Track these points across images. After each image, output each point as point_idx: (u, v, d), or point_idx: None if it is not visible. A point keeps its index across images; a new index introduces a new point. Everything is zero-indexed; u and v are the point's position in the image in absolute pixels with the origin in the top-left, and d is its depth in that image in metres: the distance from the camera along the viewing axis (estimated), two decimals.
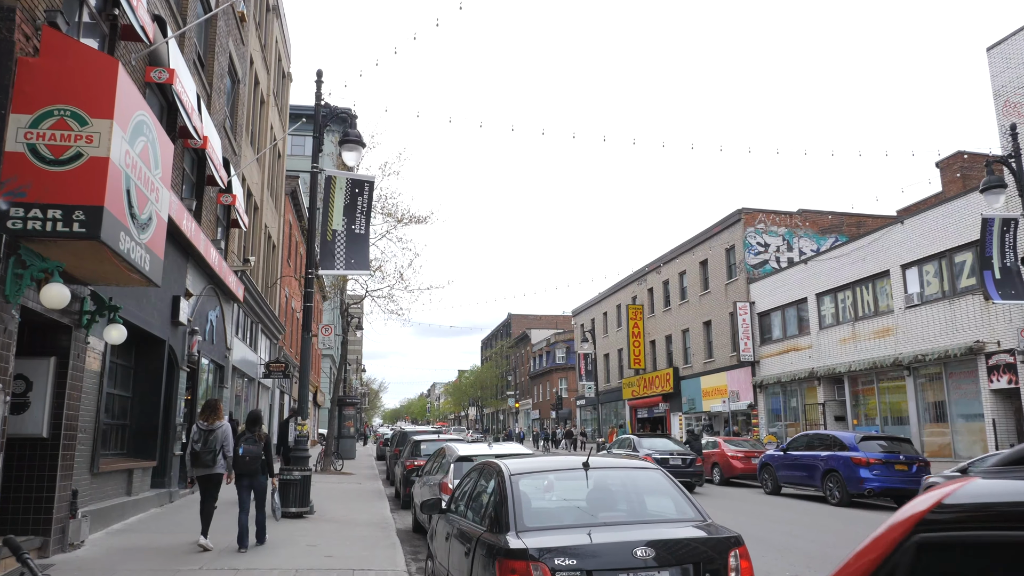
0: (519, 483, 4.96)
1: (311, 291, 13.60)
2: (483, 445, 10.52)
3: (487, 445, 10.45)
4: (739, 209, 33.71)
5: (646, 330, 44.09)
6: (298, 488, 12.23)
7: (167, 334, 13.33)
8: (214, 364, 17.89)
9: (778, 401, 30.67)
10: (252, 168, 23.15)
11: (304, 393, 13.21)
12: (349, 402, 36.76)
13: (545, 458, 6.00)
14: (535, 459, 5.83)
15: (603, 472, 5.25)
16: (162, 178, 9.29)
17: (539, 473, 5.26)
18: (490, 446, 10.37)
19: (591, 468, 5.08)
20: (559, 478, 5.26)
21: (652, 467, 5.39)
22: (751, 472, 22.10)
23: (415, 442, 16.37)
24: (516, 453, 10.22)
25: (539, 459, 5.87)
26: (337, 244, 14.13)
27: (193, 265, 15.13)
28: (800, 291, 28.94)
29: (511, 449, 10.35)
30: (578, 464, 5.15)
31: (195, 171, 15.98)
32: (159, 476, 13.77)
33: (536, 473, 5.23)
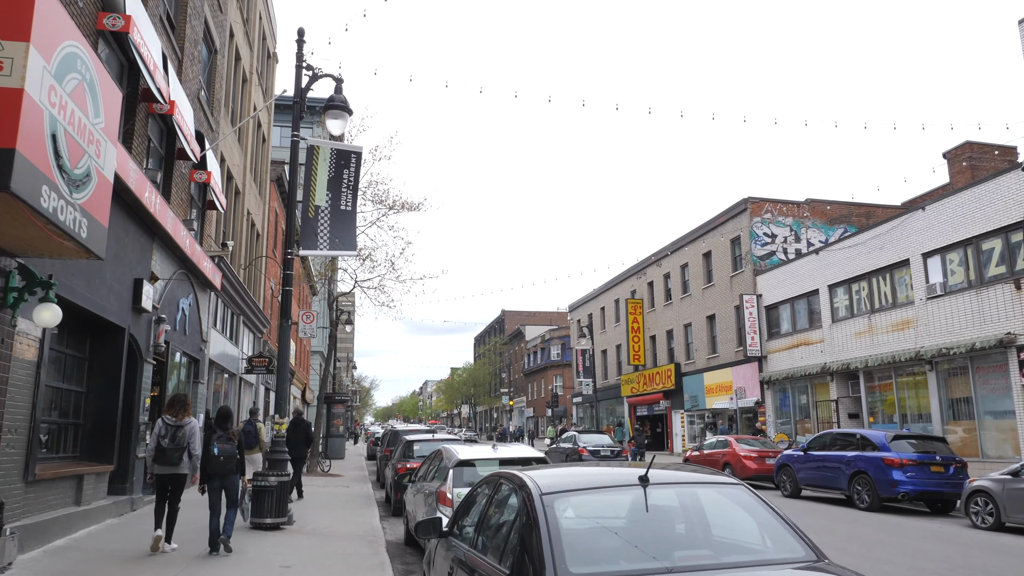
0: (555, 507, 3.54)
1: (290, 273, 12.12)
2: (486, 447, 9.09)
3: (491, 447, 9.01)
4: (745, 198, 32.37)
5: (646, 325, 42.74)
6: (274, 496, 10.75)
7: (127, 321, 11.83)
8: (188, 357, 16.38)
9: (787, 398, 29.35)
10: (233, 149, 21.62)
11: (283, 388, 11.74)
12: (338, 400, 35.28)
13: (583, 469, 4.53)
14: (569, 470, 4.39)
15: (669, 490, 3.81)
16: (106, 129, 7.79)
17: (580, 493, 3.81)
18: (495, 448, 8.94)
19: (652, 484, 3.65)
20: (609, 499, 3.81)
21: (732, 481, 3.97)
22: (766, 473, 20.75)
23: (407, 442, 14.92)
24: (527, 457, 8.80)
25: (574, 471, 4.42)
26: (320, 222, 12.66)
27: (160, 246, 13.62)
28: (811, 282, 27.61)
29: (519, 452, 8.93)
30: (633, 478, 3.72)
31: (163, 143, 14.46)
32: (119, 482, 12.26)
33: (576, 493, 3.79)
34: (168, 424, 8.68)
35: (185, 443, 8.66)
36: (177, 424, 8.71)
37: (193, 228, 15.26)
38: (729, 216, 33.66)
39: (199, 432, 8.98)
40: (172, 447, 8.59)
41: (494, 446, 9.06)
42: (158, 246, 13.49)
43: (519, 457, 8.83)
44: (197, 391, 17.06)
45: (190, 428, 8.78)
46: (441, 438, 15.37)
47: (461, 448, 9.13)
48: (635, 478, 3.72)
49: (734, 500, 3.76)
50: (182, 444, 8.64)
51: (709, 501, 3.80)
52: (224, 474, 8.74)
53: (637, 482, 3.69)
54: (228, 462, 8.73)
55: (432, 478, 9.24)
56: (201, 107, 16.80)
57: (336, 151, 12.85)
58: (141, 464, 12.94)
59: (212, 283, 17.23)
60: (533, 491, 3.70)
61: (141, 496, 12.96)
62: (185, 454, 8.68)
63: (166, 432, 8.63)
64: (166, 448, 8.58)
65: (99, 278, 10.61)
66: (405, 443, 14.95)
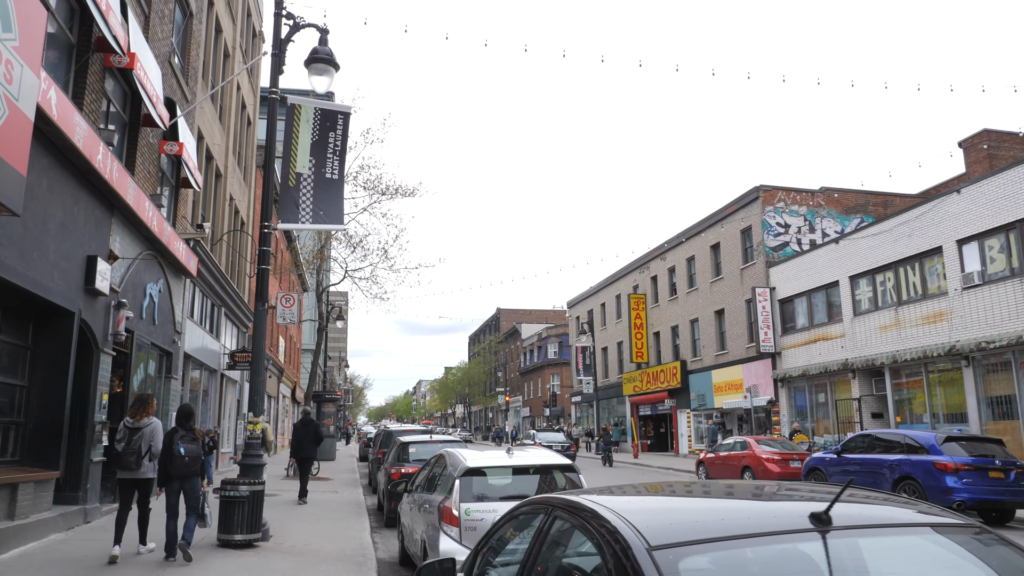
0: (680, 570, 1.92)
1: (267, 250, 10.48)
2: (498, 452, 7.47)
3: (505, 452, 7.39)
4: (757, 187, 30.84)
5: (649, 321, 41.18)
6: (246, 508, 9.11)
7: (78, 304, 10.17)
8: (158, 349, 14.71)
9: (803, 396, 27.83)
10: (213, 127, 19.95)
11: (258, 381, 10.10)
12: (329, 398, 33.62)
13: (707, 502, 2.84)
14: (684, 502, 2.75)
15: (863, 540, 2.18)
16: (20, 50, 6.13)
17: (715, 546, 2.14)
18: (510, 454, 7.32)
19: (837, 530, 2.04)
20: (767, 556, 2.15)
21: (970, 523, 2.33)
22: (789, 477, 19.18)
23: (402, 444, 13.28)
24: (550, 464, 7.19)
25: (692, 502, 2.77)
26: (302, 191, 11.02)
27: (122, 222, 11.95)
28: (830, 274, 26.08)
29: (540, 458, 7.31)
30: (801, 517, 2.11)
31: (127, 107, 12.80)
32: (69, 490, 10.60)
33: (709, 546, 2.12)
34: (126, 426, 8.31)
35: (144, 446, 8.23)
36: (135, 426, 8.30)
37: (162, 204, 13.61)
38: (739, 206, 32.12)
39: (160, 433, 8.48)
40: (127, 451, 8.17)
41: (508, 450, 7.45)
42: (119, 222, 11.82)
43: (541, 465, 7.22)
44: (169, 387, 15.39)
45: (150, 430, 8.34)
46: (440, 439, 13.74)
47: (468, 453, 7.51)
48: (804, 517, 2.11)
49: (982, 557, 2.16)
50: (138, 447, 8.21)
51: (941, 559, 2.18)
52: (186, 476, 8.27)
53: (810, 525, 2.08)
54: (193, 463, 8.27)
55: (434, 489, 7.62)
56: (173, 73, 15.14)
57: (320, 111, 11.20)
58: (98, 469, 11.28)
59: (187, 269, 15.57)
60: (633, 543, 2.08)
61: (98, 506, 11.29)
62: (147, 457, 8.24)
63: (123, 435, 8.26)
64: (121, 452, 8.18)
65: (38, 251, 8.95)
66: (400, 445, 13.32)
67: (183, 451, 8.16)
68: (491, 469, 7.08)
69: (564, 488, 7.13)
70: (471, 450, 7.86)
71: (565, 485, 7.15)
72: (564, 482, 7.18)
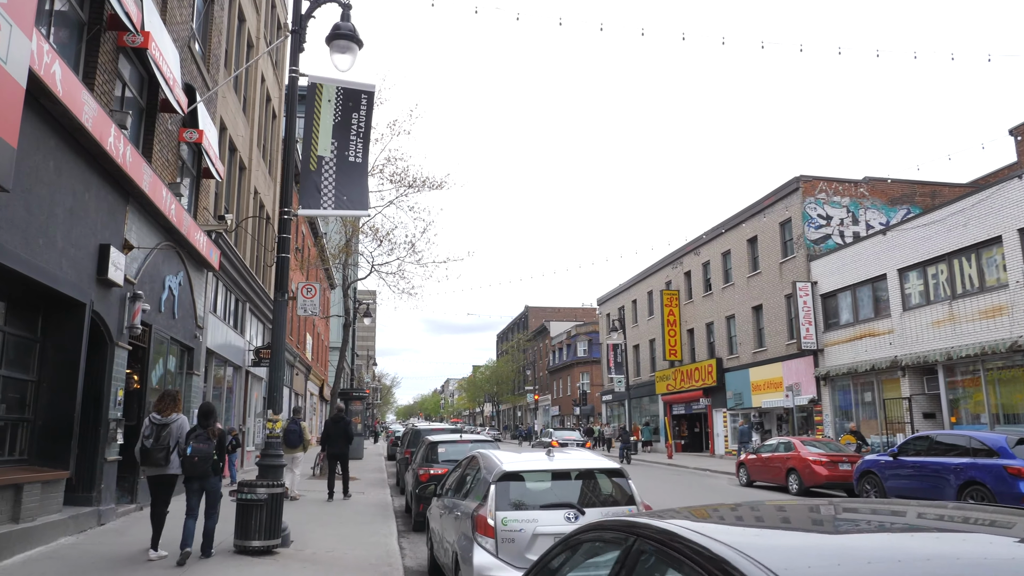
0: None
1: (286, 237, 9.84)
2: (537, 455, 6.72)
3: (545, 454, 6.62)
4: (796, 177, 29.66)
5: (683, 318, 40.11)
6: (263, 512, 8.47)
7: (89, 295, 9.63)
8: (178, 344, 14.21)
9: (847, 395, 26.64)
10: (237, 119, 19.48)
11: (277, 376, 9.47)
12: (356, 396, 33.16)
13: (866, 540, 2.03)
14: (823, 539, 1.98)
15: None
16: (8, 7, 5.53)
17: None
18: (550, 456, 6.56)
19: None
20: None
21: None
22: (839, 481, 18.17)
23: (430, 444, 12.59)
24: (595, 468, 6.42)
25: (838, 540, 1.98)
26: (324, 176, 10.37)
27: (138, 210, 11.42)
28: (877, 267, 24.88)
29: (584, 461, 6.53)
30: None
31: (144, 91, 12.28)
32: (81, 490, 10.08)
33: None
34: (154, 422, 8.23)
35: (172, 442, 8.17)
36: (163, 422, 8.22)
37: (181, 194, 13.07)
38: (778, 197, 30.95)
39: (187, 428, 8.38)
40: (156, 447, 8.10)
41: (548, 452, 6.68)
42: (134, 210, 11.29)
43: (584, 469, 6.45)
44: (191, 383, 14.90)
45: (177, 426, 8.27)
46: (470, 439, 13.02)
47: (504, 455, 6.76)
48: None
49: None
50: (167, 443, 8.15)
51: None
52: (201, 476, 8.14)
53: None
54: (202, 463, 8.07)
55: (466, 493, 6.90)
56: (193, 59, 14.62)
57: (343, 90, 10.53)
58: (113, 468, 10.75)
59: (208, 261, 15.06)
60: None
61: (113, 507, 10.76)
62: (174, 453, 8.19)
63: (151, 431, 8.17)
64: (149, 449, 8.10)
65: (44, 237, 8.40)
66: (428, 445, 12.63)
67: (190, 450, 8.04)
68: (530, 473, 6.33)
69: (611, 495, 6.35)
70: (506, 451, 7.12)
71: (612, 492, 6.39)
72: (611, 488, 6.42)
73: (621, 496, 6.30)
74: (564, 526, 5.91)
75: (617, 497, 6.31)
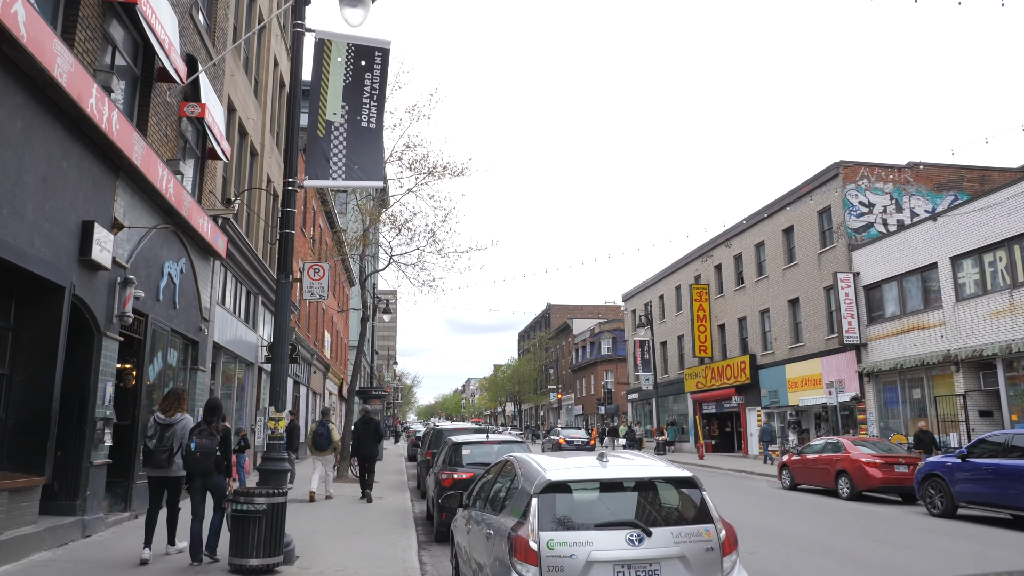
0: None
1: (291, 211, 8.68)
2: (587, 459, 5.48)
3: (597, 459, 5.36)
4: (836, 163, 28.11)
5: (713, 313, 38.61)
6: (262, 526, 7.30)
7: (68, 277, 8.53)
8: (180, 337, 13.13)
9: (893, 392, 25.07)
10: (247, 101, 18.42)
11: (280, 368, 8.32)
12: (376, 394, 32.13)
13: None
14: None
15: None
16: None
17: None
18: (603, 462, 5.29)
19: None
20: None
21: None
22: (894, 484, 16.75)
23: (454, 445, 11.38)
24: (673, 478, 5.16)
25: None
26: (333, 143, 9.20)
27: (130, 186, 10.33)
28: (926, 255, 23.31)
29: (648, 468, 5.28)
30: None
31: (137, 58, 11.19)
32: (64, 498, 9.00)
33: None
34: (158, 422, 8.01)
35: (171, 443, 7.92)
36: (166, 422, 8.00)
37: (180, 172, 11.97)
38: (816, 184, 29.40)
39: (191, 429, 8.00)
40: (159, 448, 7.89)
41: (601, 457, 5.43)
42: (125, 186, 10.20)
43: (645, 478, 5.17)
44: (195, 380, 13.83)
45: (181, 427, 8.02)
46: (497, 439, 11.78)
47: (546, 460, 5.52)
48: None
49: None
50: (168, 444, 7.91)
51: None
52: (204, 472, 7.80)
53: None
54: (205, 459, 7.72)
55: (499, 506, 5.67)
56: (196, 29, 13.54)
57: (354, 48, 9.36)
58: (101, 473, 9.66)
59: (214, 249, 13.98)
60: None
61: (101, 516, 9.67)
62: (178, 455, 7.93)
63: (154, 431, 7.97)
64: (152, 450, 7.90)
65: (9, 207, 7.29)
66: (451, 446, 11.42)
67: (194, 446, 7.71)
68: (580, 484, 5.08)
69: (681, 510, 5.09)
70: (547, 456, 5.87)
71: (681, 506, 5.12)
72: (679, 501, 5.15)
73: (693, 511, 5.04)
74: (626, 551, 4.67)
75: (688, 513, 5.05)
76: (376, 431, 15.14)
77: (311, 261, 13.02)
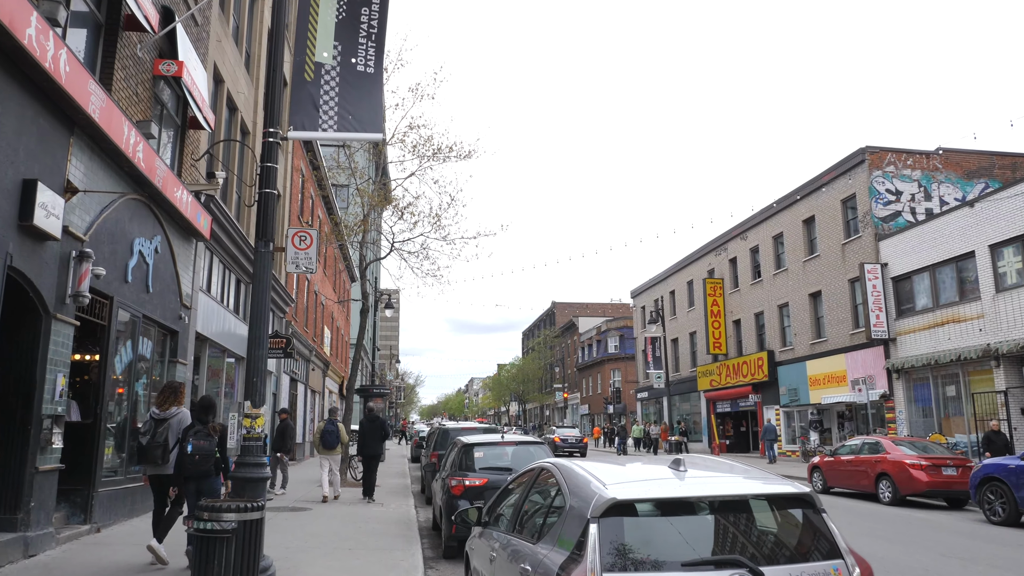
0: None
1: (272, 166, 7.25)
2: (657, 468, 4.08)
3: (672, 469, 3.93)
4: (862, 148, 26.64)
5: (728, 308, 37.16)
6: (230, 549, 5.86)
7: (4, 247, 7.11)
8: (156, 325, 11.71)
9: (925, 389, 23.61)
10: (237, 72, 17.02)
11: (257, 356, 6.90)
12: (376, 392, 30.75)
13: None
14: None
15: None
16: None
17: None
18: (680, 473, 3.86)
19: None
20: None
21: None
22: (942, 488, 15.36)
23: (465, 447, 9.93)
24: (781, 495, 3.71)
25: None
26: (324, 88, 7.78)
27: (87, 145, 8.90)
28: (962, 244, 21.86)
29: (742, 480, 3.85)
30: None
31: (101, 4, 9.76)
32: (2, 511, 7.56)
33: None
34: (153, 417, 7.72)
35: (165, 439, 7.54)
36: (161, 417, 7.67)
37: (152, 135, 10.55)
38: (840, 172, 27.93)
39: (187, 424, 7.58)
40: (152, 444, 7.52)
41: (676, 464, 3.99)
42: (83, 145, 8.77)
43: (743, 495, 3.72)
44: (173, 373, 12.40)
45: (177, 420, 7.67)
46: (515, 440, 10.31)
47: (602, 470, 4.07)
48: None
49: None
50: (162, 440, 7.53)
51: None
52: (200, 476, 7.37)
53: None
54: (204, 461, 7.30)
55: (538, 533, 4.22)
56: None
57: None
58: (50, 481, 8.23)
59: (196, 228, 12.56)
60: None
61: (51, 531, 8.23)
62: (173, 451, 7.54)
63: (148, 427, 7.64)
64: (146, 446, 7.54)
65: None
66: (462, 449, 9.97)
67: (191, 448, 7.25)
68: (656, 504, 3.62)
69: (792, 538, 3.64)
70: (599, 463, 4.41)
71: (793, 534, 3.67)
72: (791, 527, 3.69)
73: (813, 542, 3.60)
74: None
75: (806, 544, 3.60)
76: (382, 430, 14.81)
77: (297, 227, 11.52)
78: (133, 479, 10.88)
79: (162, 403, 7.76)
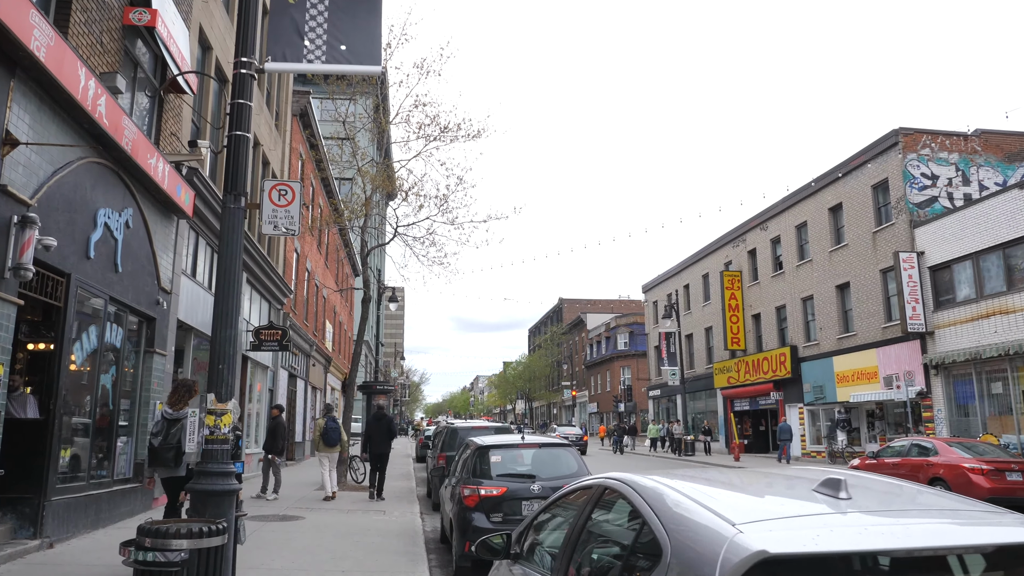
0: None
1: (244, 103, 5.84)
2: (798, 486, 2.66)
3: (825, 492, 2.53)
4: (895, 130, 25.11)
5: (746, 302, 35.65)
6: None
7: None
8: (128, 310, 10.33)
9: (967, 386, 22.09)
10: (228, 41, 15.65)
11: (224, 336, 5.50)
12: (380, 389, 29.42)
13: None
14: None
15: None
16: None
17: None
18: (837, 499, 2.48)
19: None
20: None
21: None
22: (1005, 495, 13.81)
23: (479, 450, 8.47)
24: None
25: None
26: (310, 12, 6.38)
27: (36, 92, 7.51)
28: (1008, 230, 20.34)
29: (960, 526, 2.45)
30: None
31: None
32: None
33: None
34: (165, 417, 7.19)
35: (178, 440, 7.09)
36: (174, 417, 7.17)
37: (118, 89, 9.14)
38: (870, 156, 26.39)
39: None
40: (165, 446, 7.05)
41: (834, 488, 2.58)
42: (28, 91, 7.38)
43: (976, 547, 2.27)
44: (150, 364, 11.03)
45: (191, 421, 7.25)
46: (537, 442, 8.84)
47: (714, 495, 2.66)
48: None
49: None
50: (175, 442, 7.08)
51: None
52: None
53: None
54: None
55: None
56: None
57: None
58: None
59: (176, 203, 11.18)
60: None
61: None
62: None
63: (160, 428, 7.15)
64: (157, 448, 7.06)
65: None
66: (475, 451, 8.53)
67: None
68: (830, 560, 2.17)
69: None
70: (697, 484, 2.95)
71: None
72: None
73: None
74: None
75: None
76: (389, 428, 14.38)
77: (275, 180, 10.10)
78: (100, 485, 9.52)
79: (175, 402, 7.32)
